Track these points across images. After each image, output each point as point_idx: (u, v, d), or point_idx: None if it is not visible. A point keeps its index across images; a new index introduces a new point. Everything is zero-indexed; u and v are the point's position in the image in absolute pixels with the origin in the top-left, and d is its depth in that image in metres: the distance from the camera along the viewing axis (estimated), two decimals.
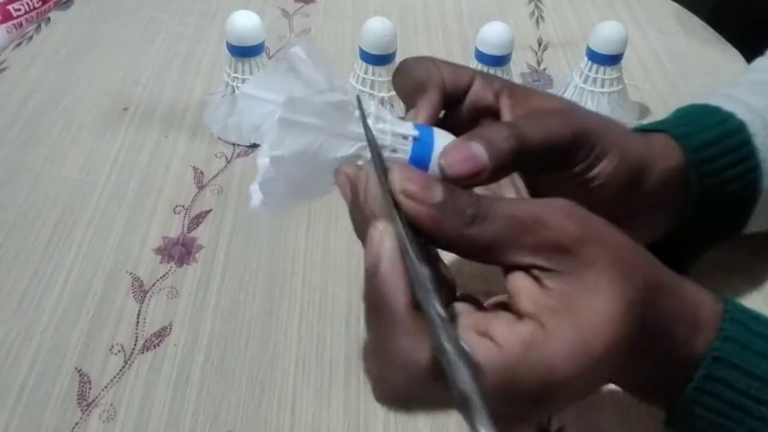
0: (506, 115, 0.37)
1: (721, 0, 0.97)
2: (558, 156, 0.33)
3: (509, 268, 0.28)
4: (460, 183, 0.29)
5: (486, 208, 0.26)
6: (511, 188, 0.37)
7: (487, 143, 0.30)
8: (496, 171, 0.30)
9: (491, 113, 0.37)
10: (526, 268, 0.27)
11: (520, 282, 0.27)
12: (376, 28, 0.63)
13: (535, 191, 0.37)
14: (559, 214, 0.27)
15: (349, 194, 0.30)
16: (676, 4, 0.92)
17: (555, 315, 0.26)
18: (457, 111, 0.38)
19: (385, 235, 0.25)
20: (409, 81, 0.37)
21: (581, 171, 0.34)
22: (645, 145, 0.39)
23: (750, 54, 0.82)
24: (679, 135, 0.42)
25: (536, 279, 0.27)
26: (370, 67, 0.65)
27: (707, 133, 0.42)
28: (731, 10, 0.91)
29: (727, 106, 0.45)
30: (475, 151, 0.29)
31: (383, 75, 0.65)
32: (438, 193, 0.26)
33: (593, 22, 0.69)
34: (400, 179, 0.26)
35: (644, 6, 0.91)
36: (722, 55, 0.83)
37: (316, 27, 0.85)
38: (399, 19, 0.86)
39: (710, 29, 0.87)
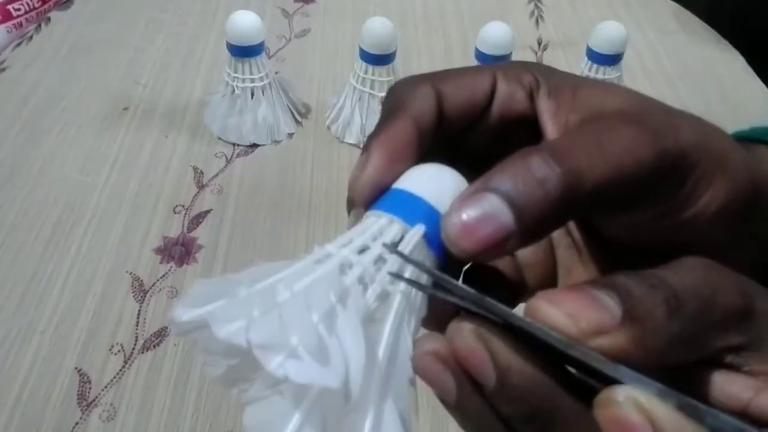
0: (549, 127, 0.24)
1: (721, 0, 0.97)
2: (634, 193, 0.21)
3: (692, 367, 0.21)
4: (476, 260, 0.22)
5: (672, 287, 0.19)
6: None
7: (510, 193, 0.19)
8: (531, 233, 0.19)
9: (530, 124, 0.25)
10: (718, 358, 0.20)
11: (734, 387, 0.20)
12: (376, 28, 0.63)
13: (593, 236, 0.26)
14: (722, 273, 0.20)
15: (452, 384, 0.19)
16: (675, 4, 0.92)
17: None
18: (481, 132, 0.26)
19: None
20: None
21: (671, 209, 0.23)
22: (753, 161, 0.26)
23: (749, 53, 0.82)
24: None
25: (734, 368, 0.20)
26: (370, 67, 0.65)
27: None
28: (730, 10, 0.91)
29: None
30: (489, 209, 0.19)
31: (383, 75, 0.65)
32: (613, 303, 0.18)
33: (593, 22, 0.69)
34: (568, 317, 0.18)
35: (644, 6, 0.91)
36: (722, 55, 0.83)
37: (316, 27, 0.85)
38: (399, 19, 0.86)
39: (710, 29, 0.87)
